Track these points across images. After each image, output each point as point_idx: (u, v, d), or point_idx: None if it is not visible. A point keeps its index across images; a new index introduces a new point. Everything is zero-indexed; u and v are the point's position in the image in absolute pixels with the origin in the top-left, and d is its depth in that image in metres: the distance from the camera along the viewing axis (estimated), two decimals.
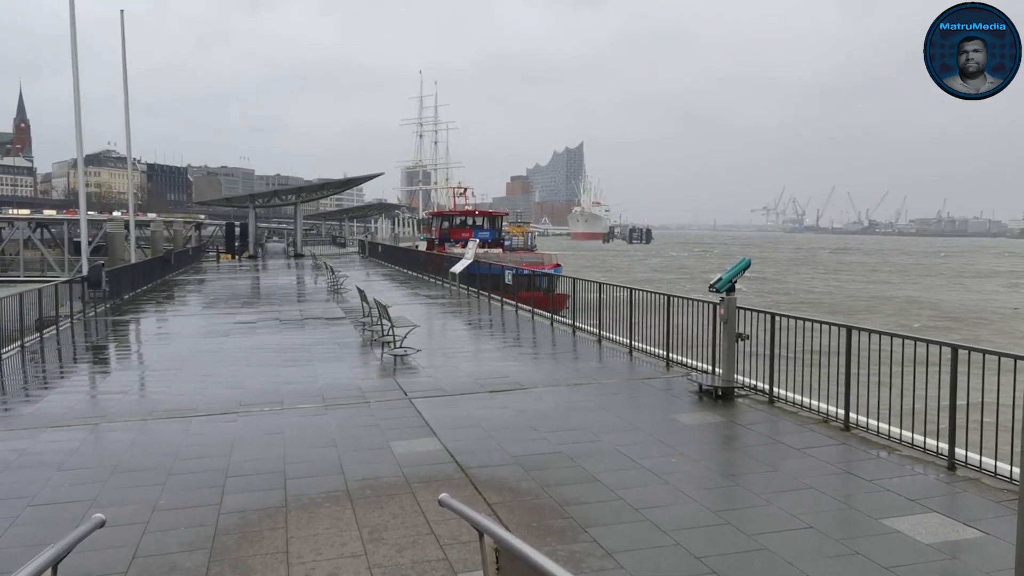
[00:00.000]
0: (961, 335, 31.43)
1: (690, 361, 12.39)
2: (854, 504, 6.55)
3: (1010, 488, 6.65)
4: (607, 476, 7.20)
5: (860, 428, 8.55)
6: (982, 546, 5.62)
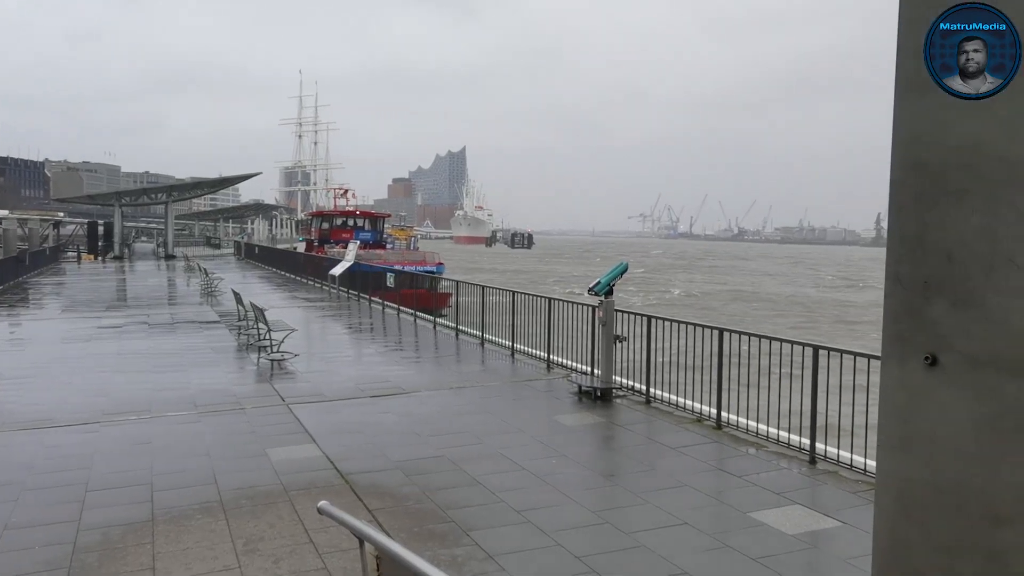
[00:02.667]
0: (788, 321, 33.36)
1: (570, 363, 12.60)
2: (725, 499, 6.82)
3: (865, 480, 7.08)
4: (489, 479, 7.22)
5: (731, 427, 8.92)
6: (841, 535, 5.95)
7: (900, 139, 1.60)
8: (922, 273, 1.55)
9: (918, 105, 1.56)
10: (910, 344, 1.57)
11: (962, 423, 1.50)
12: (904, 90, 1.59)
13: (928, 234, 1.55)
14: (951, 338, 1.51)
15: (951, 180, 1.51)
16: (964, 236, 1.49)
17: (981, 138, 1.47)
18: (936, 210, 1.53)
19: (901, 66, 1.59)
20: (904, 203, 1.59)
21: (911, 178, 1.58)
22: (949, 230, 1.51)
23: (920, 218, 1.56)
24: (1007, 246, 1.43)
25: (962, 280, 1.49)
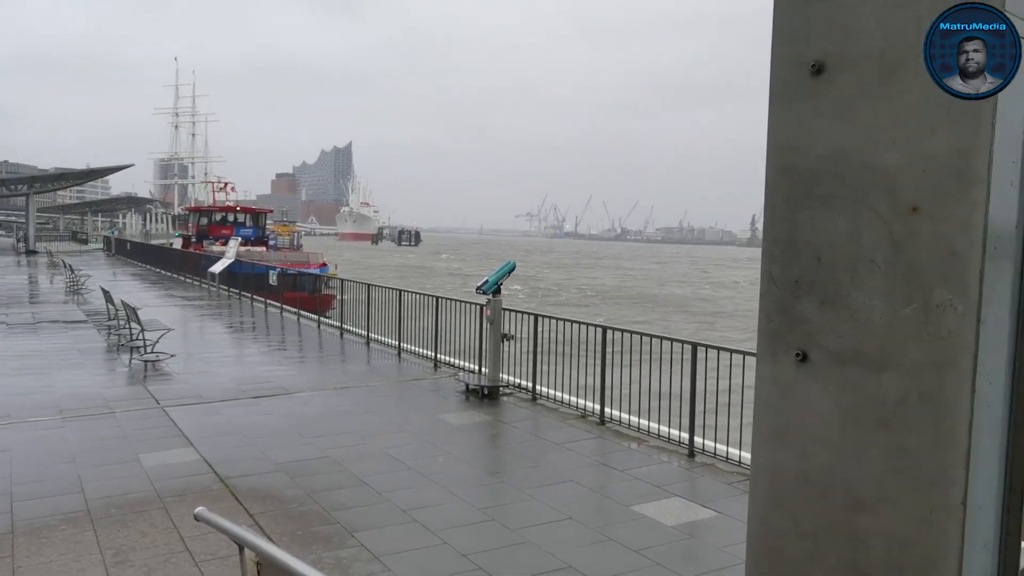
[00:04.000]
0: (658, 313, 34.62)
1: (458, 361, 12.60)
2: (608, 493, 6.99)
3: (740, 471, 7.39)
4: (375, 479, 7.13)
5: (614, 422, 9.13)
6: (717, 525, 6.20)
7: (773, 145, 1.67)
8: (793, 273, 1.63)
9: (790, 113, 1.63)
10: (782, 341, 1.65)
11: (829, 416, 1.58)
12: (778, 98, 1.66)
13: (799, 236, 1.62)
14: (820, 335, 1.59)
15: (820, 185, 1.59)
16: (832, 239, 1.57)
17: (846, 146, 1.55)
18: (806, 213, 1.61)
19: (775, 74, 1.66)
20: (777, 206, 1.66)
21: (783, 182, 1.65)
22: (818, 233, 1.59)
23: (792, 221, 1.63)
24: (869, 248, 1.52)
25: (830, 280, 1.57)
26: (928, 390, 1.46)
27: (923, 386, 1.47)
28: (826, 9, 1.57)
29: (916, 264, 1.47)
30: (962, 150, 1.43)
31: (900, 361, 1.49)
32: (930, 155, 1.46)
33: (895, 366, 1.49)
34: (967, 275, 1.43)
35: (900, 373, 1.49)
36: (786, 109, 1.64)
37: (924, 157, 1.46)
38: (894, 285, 1.49)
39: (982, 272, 1.42)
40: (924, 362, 1.46)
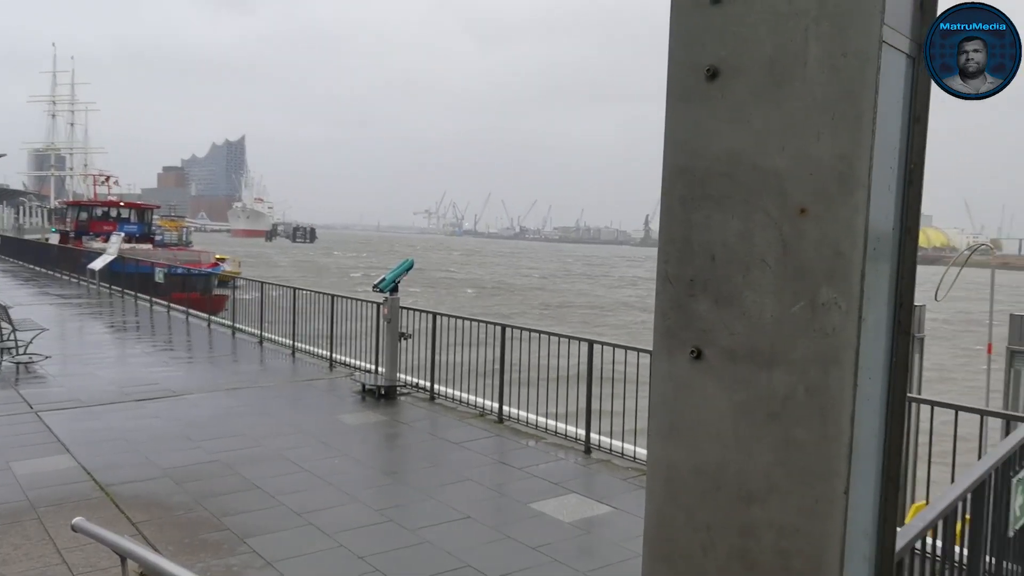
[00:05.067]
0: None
1: (354, 361, 12.41)
2: (506, 491, 7.02)
3: (635, 467, 7.56)
4: (268, 482, 6.93)
5: (512, 420, 9.18)
6: (613, 520, 6.32)
7: (670, 146, 1.70)
8: (688, 272, 1.67)
9: (686, 115, 1.67)
10: (678, 339, 1.68)
11: (722, 411, 1.62)
12: (674, 101, 1.70)
13: (694, 236, 1.66)
14: (714, 333, 1.63)
15: (714, 186, 1.63)
16: (725, 239, 1.61)
17: (739, 149, 1.60)
18: (701, 214, 1.65)
19: (671, 78, 1.70)
20: (673, 206, 1.70)
21: (679, 183, 1.69)
22: (712, 232, 1.63)
23: (687, 221, 1.67)
24: (761, 248, 1.57)
25: (723, 279, 1.62)
26: (814, 385, 1.52)
27: (810, 381, 1.53)
28: (720, 16, 1.61)
29: (804, 264, 1.53)
30: (845, 155, 1.50)
31: (789, 357, 1.54)
32: (816, 159, 1.52)
33: (784, 362, 1.55)
34: (850, 275, 1.49)
35: (789, 369, 1.54)
36: (682, 112, 1.68)
37: (811, 161, 1.52)
38: (783, 284, 1.55)
39: (863, 272, 1.49)
40: (811, 358, 1.52)
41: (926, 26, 1.64)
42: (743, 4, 1.58)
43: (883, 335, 1.69)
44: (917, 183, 1.70)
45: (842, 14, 1.48)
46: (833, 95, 1.50)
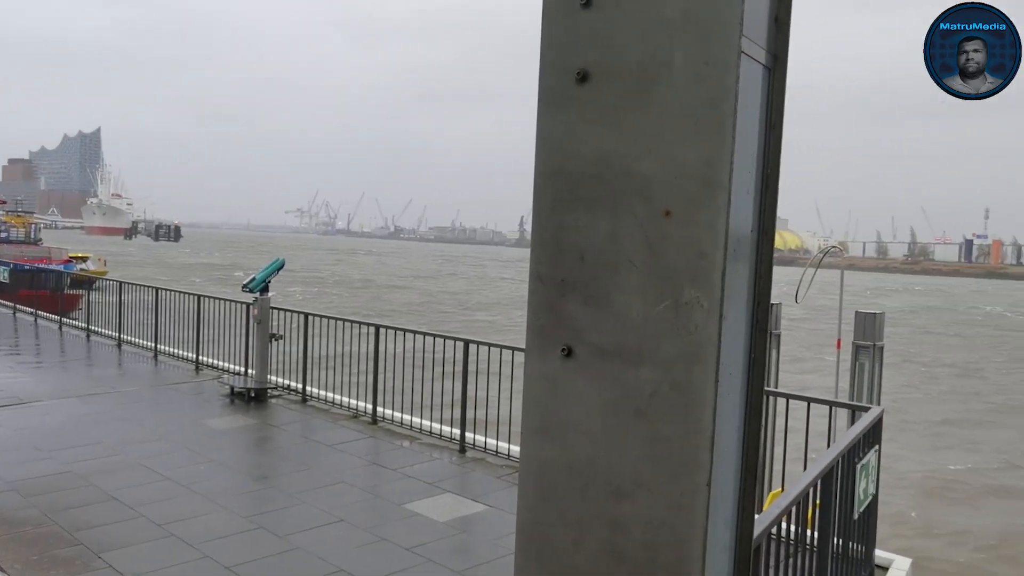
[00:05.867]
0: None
1: (222, 363, 11.95)
2: (381, 493, 6.94)
3: (509, 465, 7.63)
4: (127, 493, 6.57)
5: (387, 421, 9.08)
6: (488, 518, 6.35)
7: (542, 148, 1.72)
8: (560, 273, 1.69)
9: (557, 118, 1.69)
10: (549, 338, 1.70)
11: (592, 409, 1.66)
12: (546, 103, 1.72)
13: (565, 237, 1.68)
14: (584, 332, 1.66)
15: (584, 188, 1.66)
16: (595, 240, 1.65)
17: (609, 151, 1.63)
18: (572, 215, 1.67)
19: (543, 80, 1.72)
20: (544, 208, 1.72)
21: (550, 185, 1.71)
22: (583, 234, 1.66)
23: (558, 222, 1.69)
24: (628, 249, 1.61)
25: (593, 279, 1.65)
26: (679, 382, 1.58)
27: (675, 378, 1.58)
28: (590, 20, 1.64)
29: (668, 264, 1.58)
30: (707, 160, 1.55)
31: (655, 355, 1.59)
32: (681, 163, 1.57)
33: (651, 360, 1.60)
34: (712, 275, 1.55)
35: (655, 366, 1.59)
36: (554, 114, 1.70)
37: (676, 165, 1.57)
38: (649, 284, 1.60)
39: (724, 272, 1.56)
40: (676, 356, 1.58)
41: (781, 38, 1.73)
42: (612, 9, 1.61)
43: (742, 332, 1.77)
44: (773, 188, 1.79)
45: (704, 24, 1.54)
46: (697, 101, 1.55)
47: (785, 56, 1.76)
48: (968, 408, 22.36)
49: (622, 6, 1.60)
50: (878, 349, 9.32)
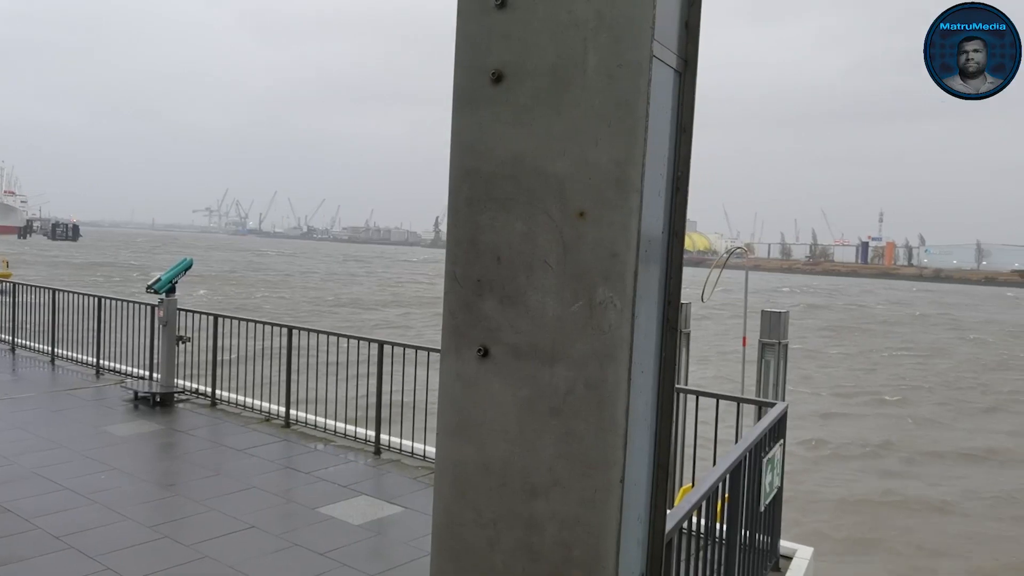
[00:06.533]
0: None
1: (125, 367, 11.49)
2: (294, 497, 6.80)
3: (425, 466, 7.59)
4: (22, 504, 6.25)
5: (300, 424, 8.90)
6: (404, 520, 6.30)
7: (457, 148, 1.72)
8: (475, 273, 1.69)
9: (472, 118, 1.69)
10: (465, 338, 1.70)
11: (508, 408, 1.66)
12: (460, 103, 1.71)
13: (480, 237, 1.69)
14: (500, 332, 1.66)
15: (499, 188, 1.66)
16: (510, 240, 1.65)
17: (523, 152, 1.64)
18: (487, 215, 1.68)
19: (458, 80, 1.72)
20: (459, 208, 1.72)
21: (465, 185, 1.71)
22: (498, 234, 1.66)
23: (473, 222, 1.69)
24: (544, 249, 1.63)
25: (509, 279, 1.66)
26: (593, 380, 1.60)
27: (589, 376, 1.60)
28: (505, 21, 1.64)
29: (583, 265, 1.60)
30: (620, 161, 1.58)
31: (569, 354, 1.61)
32: (594, 165, 1.59)
33: (565, 359, 1.61)
34: (625, 275, 1.58)
35: (569, 365, 1.61)
36: (468, 114, 1.70)
37: (589, 166, 1.59)
38: (564, 284, 1.61)
39: (636, 272, 1.59)
40: (590, 354, 1.60)
41: (691, 44, 1.78)
42: (527, 10, 1.62)
43: (654, 331, 1.81)
44: (683, 190, 1.83)
45: (617, 27, 1.56)
46: (610, 103, 1.58)
47: (695, 61, 1.80)
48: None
49: (536, 8, 1.61)
50: (783, 347, 9.66)
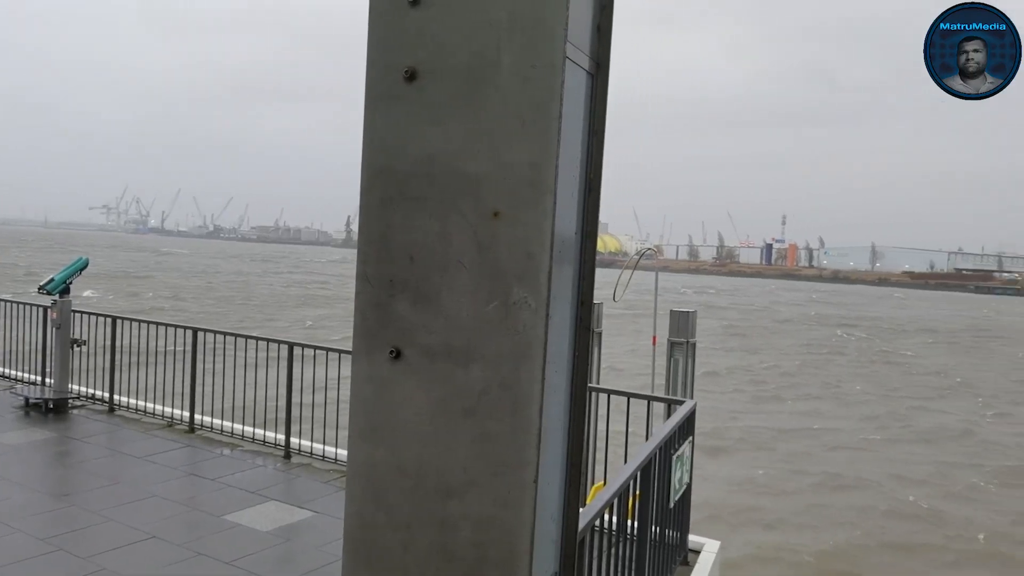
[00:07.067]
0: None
1: (14, 372, 10.91)
2: (198, 505, 6.58)
3: (337, 469, 7.47)
4: None
5: (206, 428, 8.63)
6: (314, 524, 6.18)
7: (369, 146, 1.70)
8: (388, 272, 1.67)
9: (385, 116, 1.67)
10: (377, 339, 1.68)
11: (421, 409, 1.65)
12: (373, 101, 1.69)
13: (393, 237, 1.67)
14: (413, 332, 1.65)
15: (413, 187, 1.65)
16: (424, 239, 1.64)
17: (438, 151, 1.63)
18: (400, 214, 1.66)
19: (370, 78, 1.69)
20: (372, 207, 1.69)
21: (378, 184, 1.68)
22: (412, 233, 1.65)
23: (386, 221, 1.67)
24: (458, 249, 1.62)
25: (423, 279, 1.64)
26: (507, 380, 1.60)
27: (503, 377, 1.60)
28: (418, 19, 1.63)
29: (497, 265, 1.60)
30: (534, 163, 1.59)
31: (484, 354, 1.61)
32: (509, 165, 1.59)
33: (480, 359, 1.61)
34: (539, 275, 1.59)
35: (484, 365, 1.61)
36: (382, 112, 1.68)
37: (504, 166, 1.59)
38: (479, 284, 1.61)
39: (550, 273, 1.60)
40: (504, 354, 1.60)
41: (604, 46, 1.80)
42: (441, 8, 1.61)
43: (567, 331, 1.82)
44: (596, 191, 1.85)
45: (531, 28, 1.57)
46: (524, 104, 1.58)
47: (607, 64, 1.82)
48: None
49: (450, 6, 1.61)
50: (691, 345, 9.91)
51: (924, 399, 25.14)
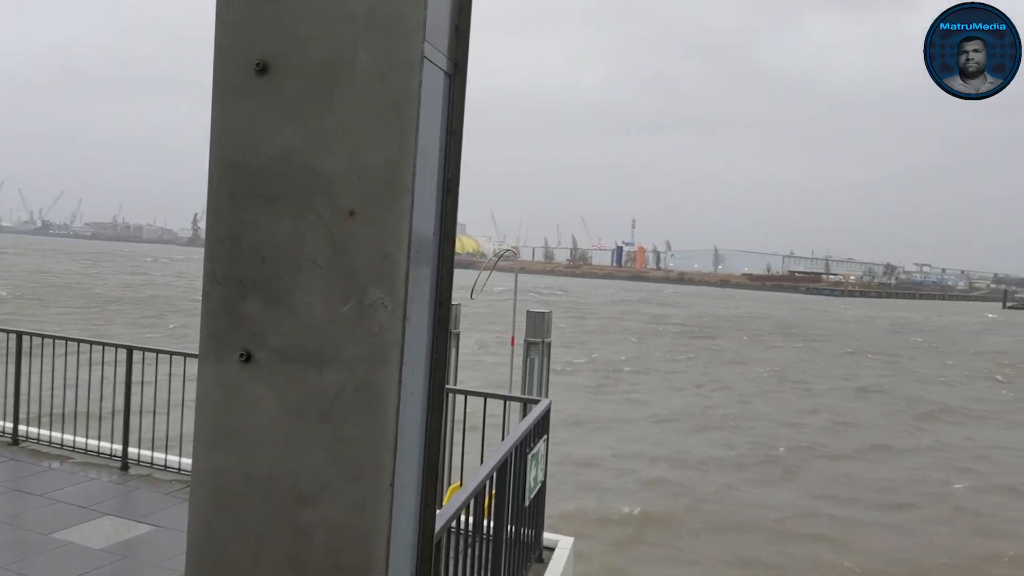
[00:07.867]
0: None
1: None
2: (23, 523, 6.10)
3: (180, 479, 7.11)
4: None
5: (32, 440, 8.00)
6: (154, 538, 5.86)
7: (217, 142, 1.62)
8: (238, 272, 1.60)
9: (235, 110, 1.60)
10: (226, 341, 1.61)
11: (273, 414, 1.59)
12: (221, 94, 1.62)
13: (244, 235, 1.60)
14: (264, 335, 1.59)
15: (265, 185, 1.59)
16: (276, 238, 1.59)
17: (292, 148, 1.58)
18: (252, 212, 1.60)
19: (218, 70, 1.62)
20: (221, 204, 1.62)
21: (228, 180, 1.62)
22: (263, 232, 1.59)
23: (237, 219, 1.61)
24: (312, 249, 1.58)
25: (274, 280, 1.59)
26: (363, 383, 1.57)
27: (359, 379, 1.57)
28: (271, 11, 1.58)
29: (353, 265, 1.57)
30: (391, 162, 1.57)
31: (339, 356, 1.57)
32: (366, 164, 1.57)
33: (334, 361, 1.57)
34: (396, 276, 1.57)
35: (339, 368, 1.57)
36: (231, 106, 1.61)
37: (361, 165, 1.57)
38: (334, 284, 1.57)
39: (407, 273, 1.58)
40: (360, 357, 1.57)
41: (462, 47, 1.80)
42: (295, 1, 1.57)
43: (425, 332, 1.81)
44: (454, 192, 1.85)
45: (388, 25, 1.55)
46: (381, 103, 1.56)
47: (465, 64, 1.83)
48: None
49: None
50: (546, 345, 10.11)
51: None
